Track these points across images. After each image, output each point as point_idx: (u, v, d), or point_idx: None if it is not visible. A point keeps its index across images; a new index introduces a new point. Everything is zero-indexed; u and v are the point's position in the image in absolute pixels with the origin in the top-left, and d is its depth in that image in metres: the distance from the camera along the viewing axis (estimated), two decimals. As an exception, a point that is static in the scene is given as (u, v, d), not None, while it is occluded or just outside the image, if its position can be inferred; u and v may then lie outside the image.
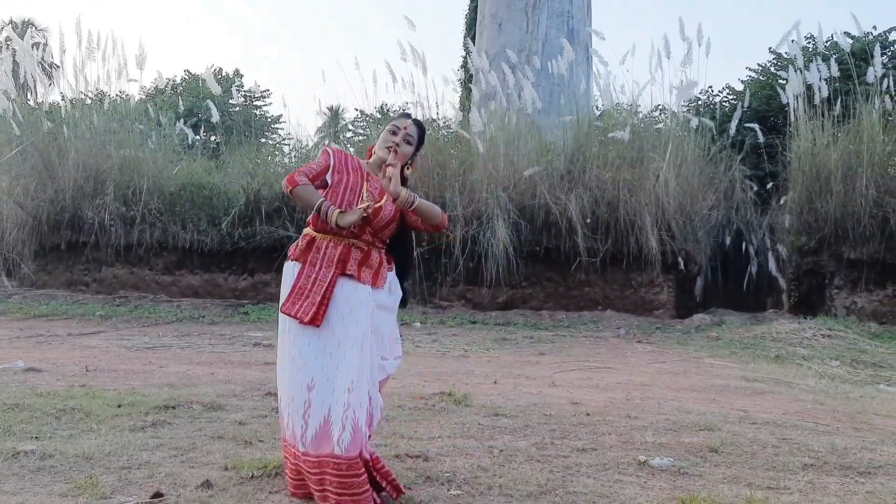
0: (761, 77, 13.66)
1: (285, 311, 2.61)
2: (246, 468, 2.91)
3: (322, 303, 2.56)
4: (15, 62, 11.39)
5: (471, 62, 11.90)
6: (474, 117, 9.68)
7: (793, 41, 10.12)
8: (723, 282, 10.27)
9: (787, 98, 9.80)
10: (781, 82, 10.88)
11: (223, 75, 23.17)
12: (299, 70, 71.40)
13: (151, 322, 8.46)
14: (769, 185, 10.54)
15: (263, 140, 18.32)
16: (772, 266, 9.96)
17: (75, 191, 10.54)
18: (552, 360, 6.30)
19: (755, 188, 10.63)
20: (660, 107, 11.27)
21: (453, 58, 33.77)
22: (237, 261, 10.37)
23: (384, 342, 2.75)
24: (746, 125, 10.39)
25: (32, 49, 10.96)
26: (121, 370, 5.27)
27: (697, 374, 5.71)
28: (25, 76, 11.26)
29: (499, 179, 9.48)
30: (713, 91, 14.09)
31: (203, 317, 8.89)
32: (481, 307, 9.55)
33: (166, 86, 17.89)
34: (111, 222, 10.35)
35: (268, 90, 27.41)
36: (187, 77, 22.94)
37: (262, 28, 78.91)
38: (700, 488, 2.84)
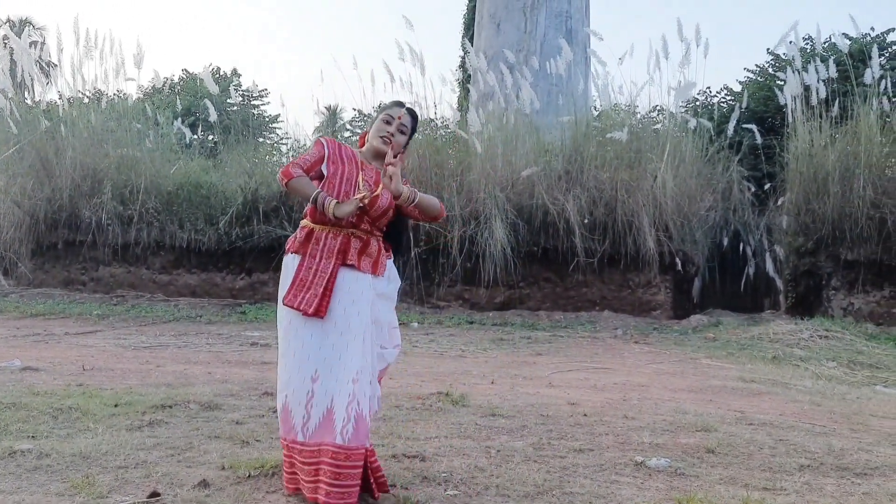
0: (759, 78, 13.67)
1: (288, 304, 2.59)
2: (243, 468, 2.90)
3: (325, 294, 2.57)
4: (12, 61, 11.38)
5: (469, 62, 11.89)
6: (472, 117, 9.68)
7: (791, 42, 10.14)
8: (720, 283, 10.27)
9: (785, 99, 9.81)
10: (779, 83, 10.90)
11: (221, 74, 23.12)
12: (297, 69, 71.48)
13: (149, 321, 8.45)
14: (767, 186, 10.55)
15: (261, 139, 18.32)
16: (769, 267, 9.97)
17: (72, 190, 10.52)
18: (549, 361, 6.30)
19: (753, 189, 10.63)
20: (658, 107, 11.31)
21: (451, 58, 33.84)
22: (234, 260, 10.36)
23: (383, 331, 2.75)
24: (744, 126, 10.39)
25: (30, 48, 10.94)
26: (118, 369, 5.26)
27: (694, 375, 5.72)
28: (23, 75, 11.27)
29: (497, 180, 9.47)
30: (711, 92, 14.18)
31: (200, 316, 8.88)
32: (479, 307, 9.55)
33: (164, 85, 17.90)
34: (108, 221, 10.34)
35: (265, 89, 27.45)
36: (185, 76, 22.91)
37: (261, 27, 78.91)
38: (697, 489, 2.84)
